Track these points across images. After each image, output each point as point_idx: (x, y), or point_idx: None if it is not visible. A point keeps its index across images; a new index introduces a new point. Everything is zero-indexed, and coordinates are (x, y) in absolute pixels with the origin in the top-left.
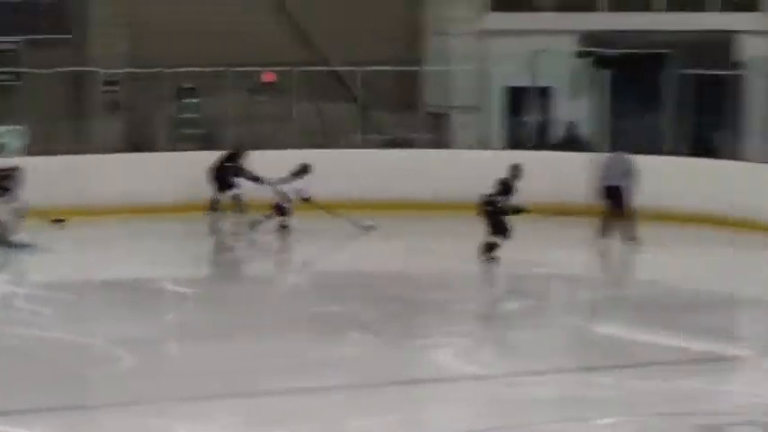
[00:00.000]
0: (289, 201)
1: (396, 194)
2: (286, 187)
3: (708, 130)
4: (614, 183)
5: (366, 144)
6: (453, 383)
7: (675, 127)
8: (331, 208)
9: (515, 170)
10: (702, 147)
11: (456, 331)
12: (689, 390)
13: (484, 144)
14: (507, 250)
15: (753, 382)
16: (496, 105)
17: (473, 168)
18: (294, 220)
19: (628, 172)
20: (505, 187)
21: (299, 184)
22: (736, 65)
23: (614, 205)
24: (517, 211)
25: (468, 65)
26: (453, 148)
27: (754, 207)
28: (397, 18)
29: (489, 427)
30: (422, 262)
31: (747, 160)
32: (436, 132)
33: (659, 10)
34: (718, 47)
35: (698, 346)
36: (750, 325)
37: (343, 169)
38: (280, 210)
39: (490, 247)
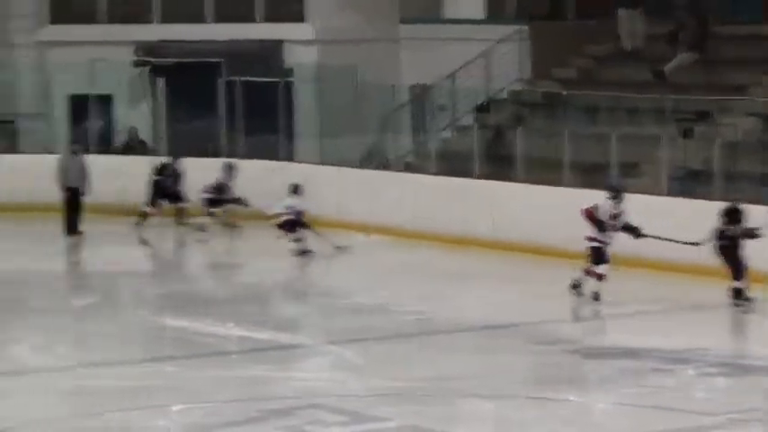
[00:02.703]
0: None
1: None
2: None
3: (261, 133)
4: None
5: None
6: (33, 376)
7: (229, 131)
8: None
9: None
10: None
11: (32, 326)
12: (255, 377)
13: (49, 149)
14: (80, 249)
15: (313, 368)
16: (60, 112)
17: (41, 171)
18: None
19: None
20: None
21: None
22: (285, 72)
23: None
24: None
25: (30, 74)
26: (21, 153)
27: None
28: None
29: (71, 415)
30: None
31: (299, 161)
32: (5, 139)
33: (210, 22)
34: (269, 55)
35: (261, 335)
36: (308, 316)
37: None
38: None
39: None
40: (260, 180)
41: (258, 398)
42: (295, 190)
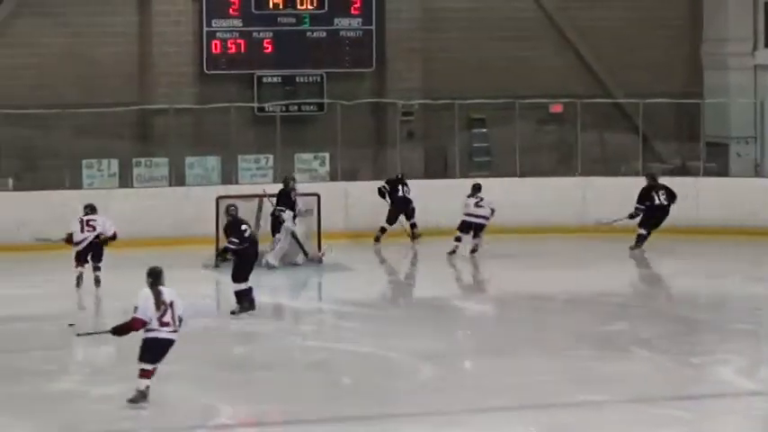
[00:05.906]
0: None
1: (674, 218)
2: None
3: None
4: None
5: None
6: (734, 399)
7: None
8: None
9: None
10: None
11: (735, 349)
12: None
13: (760, 173)
14: None
15: None
16: None
17: (750, 196)
18: None
19: None
20: None
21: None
22: None
23: None
24: None
25: (744, 98)
26: (731, 176)
27: None
28: (675, 54)
29: None
30: (700, 282)
31: None
32: (715, 161)
33: None
34: None
35: None
36: None
37: (624, 195)
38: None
39: None
40: None
41: None
42: None
